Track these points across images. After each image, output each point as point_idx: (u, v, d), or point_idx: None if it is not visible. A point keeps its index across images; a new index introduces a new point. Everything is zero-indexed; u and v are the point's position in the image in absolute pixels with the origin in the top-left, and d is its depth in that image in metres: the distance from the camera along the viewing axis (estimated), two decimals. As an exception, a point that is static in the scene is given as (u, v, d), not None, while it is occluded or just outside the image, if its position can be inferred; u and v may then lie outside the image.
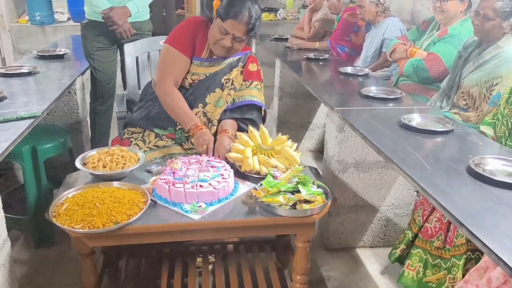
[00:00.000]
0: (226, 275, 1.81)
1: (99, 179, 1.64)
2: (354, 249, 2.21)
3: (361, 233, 2.19)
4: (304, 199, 1.48)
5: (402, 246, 1.97)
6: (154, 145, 1.91)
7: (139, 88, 2.42)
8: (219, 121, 1.97)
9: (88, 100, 2.85)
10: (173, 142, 1.93)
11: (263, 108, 2.04)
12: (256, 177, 1.69)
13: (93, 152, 1.75)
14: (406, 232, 1.97)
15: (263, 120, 2.07)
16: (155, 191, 1.56)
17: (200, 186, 1.53)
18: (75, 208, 1.43)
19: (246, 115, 2.00)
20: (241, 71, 2.01)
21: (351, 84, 2.51)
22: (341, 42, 3.43)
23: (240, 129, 2.00)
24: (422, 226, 1.89)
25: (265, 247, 1.97)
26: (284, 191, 1.52)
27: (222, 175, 1.61)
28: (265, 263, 1.90)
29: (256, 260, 1.90)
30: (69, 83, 2.24)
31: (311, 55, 3.17)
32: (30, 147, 2.06)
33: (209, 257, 1.96)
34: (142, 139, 1.92)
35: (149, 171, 1.73)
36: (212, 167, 1.67)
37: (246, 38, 1.90)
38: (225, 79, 1.97)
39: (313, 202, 1.50)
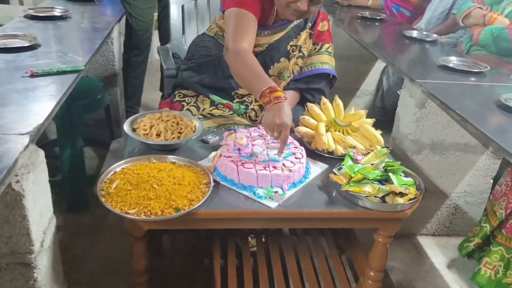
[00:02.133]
0: (282, 258, 1.63)
1: (151, 149, 1.42)
2: (415, 237, 2.01)
3: (426, 220, 1.99)
4: (398, 191, 1.26)
5: (477, 240, 1.77)
6: (209, 113, 1.67)
7: (184, 42, 2.16)
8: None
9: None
10: (230, 112, 1.69)
11: (331, 75, 1.78)
12: (329, 157, 1.47)
13: (143, 116, 1.52)
14: (482, 225, 1.76)
15: (331, 87, 1.82)
16: (218, 171, 1.34)
17: (274, 167, 1.30)
18: (128, 187, 1.21)
19: (312, 85, 1.74)
20: (310, 33, 1.73)
21: (421, 51, 2.22)
22: (398, 1, 3.09)
23: (304, 100, 1.75)
24: (504, 220, 1.68)
25: (325, 231, 1.78)
26: (371, 179, 1.30)
27: (295, 154, 1.39)
28: (324, 247, 1.71)
29: (315, 245, 1.71)
30: (108, 31, 1.98)
31: (366, 13, 2.85)
32: (65, 105, 1.82)
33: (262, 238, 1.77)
34: (195, 104, 1.68)
35: (205, 141, 1.51)
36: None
37: None
38: (291, 46, 1.69)
39: (406, 195, 1.27)
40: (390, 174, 1.30)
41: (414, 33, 2.42)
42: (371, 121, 1.55)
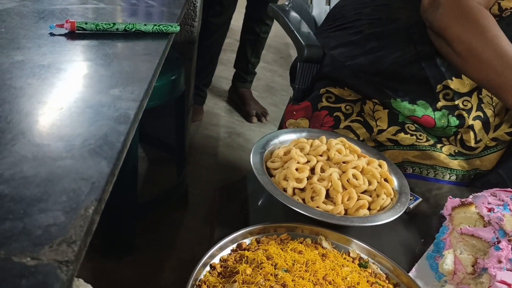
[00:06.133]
0: None
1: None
2: None
3: None
4: None
5: None
6: (390, 139, 0.88)
7: (310, 2, 1.34)
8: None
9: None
10: (429, 141, 0.90)
11: None
12: None
13: (277, 136, 0.75)
14: None
15: None
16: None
17: None
18: None
19: None
20: None
21: None
22: None
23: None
24: None
25: None
26: None
27: None
28: None
29: None
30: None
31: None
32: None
33: None
34: (360, 118, 0.89)
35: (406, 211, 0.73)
36: None
37: None
38: None
39: None
40: None
41: None
42: None
